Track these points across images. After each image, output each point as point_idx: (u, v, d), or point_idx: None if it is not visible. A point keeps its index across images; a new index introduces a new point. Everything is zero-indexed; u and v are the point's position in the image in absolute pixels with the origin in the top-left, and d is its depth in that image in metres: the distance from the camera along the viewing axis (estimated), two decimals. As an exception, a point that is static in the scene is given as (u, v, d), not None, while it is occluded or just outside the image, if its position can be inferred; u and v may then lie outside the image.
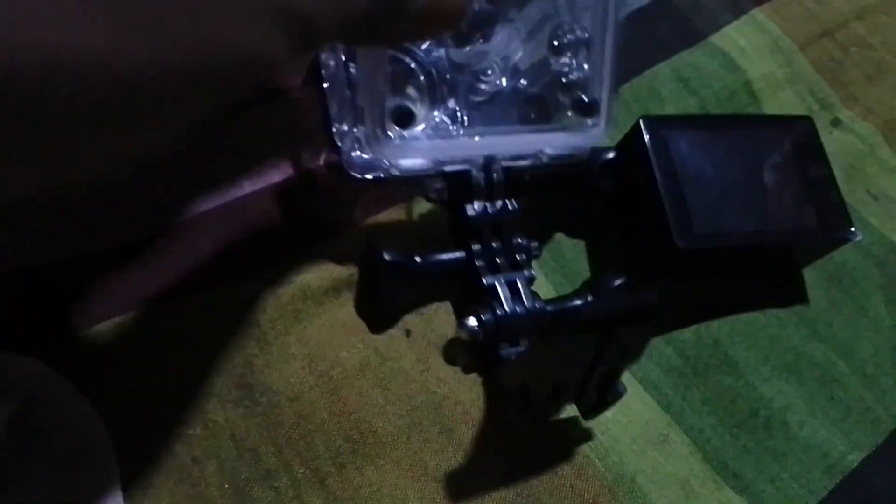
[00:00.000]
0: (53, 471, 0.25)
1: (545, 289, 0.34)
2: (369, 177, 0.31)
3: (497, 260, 0.31)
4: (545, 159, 0.33)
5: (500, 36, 0.32)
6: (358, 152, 0.31)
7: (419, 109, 0.31)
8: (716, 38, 0.41)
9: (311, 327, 0.31)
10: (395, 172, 0.31)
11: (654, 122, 0.33)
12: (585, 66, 0.32)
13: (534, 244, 0.32)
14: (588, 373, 0.27)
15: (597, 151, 0.33)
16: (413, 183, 0.32)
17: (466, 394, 0.31)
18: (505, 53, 0.32)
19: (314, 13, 0.20)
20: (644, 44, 0.40)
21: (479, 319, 0.29)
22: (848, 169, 0.39)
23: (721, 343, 0.34)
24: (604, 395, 0.29)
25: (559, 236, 0.36)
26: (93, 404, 0.27)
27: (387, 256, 0.30)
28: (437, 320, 0.32)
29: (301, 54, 0.20)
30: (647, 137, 0.33)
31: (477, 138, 0.31)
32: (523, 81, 0.33)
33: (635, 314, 0.27)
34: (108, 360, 0.29)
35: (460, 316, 0.31)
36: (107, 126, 0.17)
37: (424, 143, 0.30)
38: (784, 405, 0.33)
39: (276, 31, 0.18)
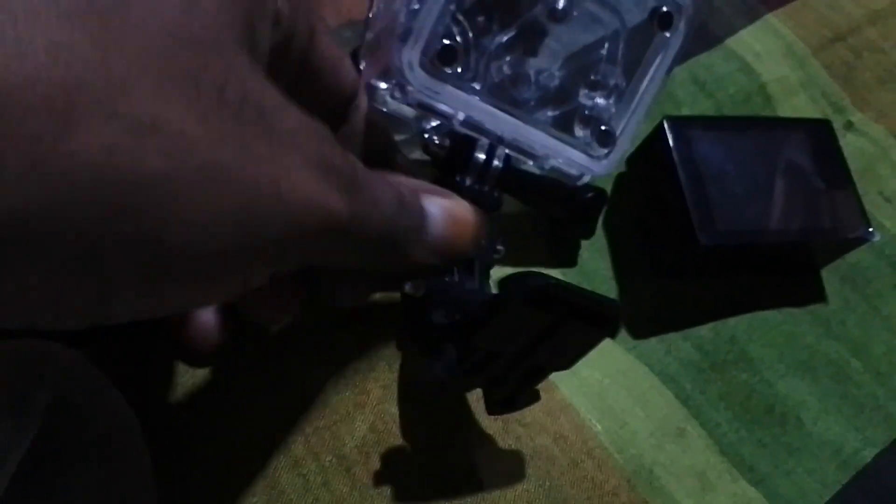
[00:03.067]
0: (88, 462, 0.25)
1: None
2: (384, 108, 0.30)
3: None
4: (546, 171, 0.32)
5: (544, 54, 0.32)
6: (379, 82, 0.29)
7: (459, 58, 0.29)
8: (731, 42, 0.41)
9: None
10: (409, 111, 0.29)
11: (678, 123, 0.33)
12: (612, 107, 0.31)
13: (500, 247, 0.30)
14: (517, 360, 0.25)
15: (589, 188, 0.33)
16: (422, 126, 0.31)
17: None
18: (540, 69, 0.32)
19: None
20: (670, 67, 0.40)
21: (424, 282, 0.27)
22: (860, 171, 0.39)
23: (738, 340, 0.34)
24: (519, 392, 0.27)
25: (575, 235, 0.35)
26: (124, 395, 0.27)
27: None
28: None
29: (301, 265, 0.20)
30: (670, 137, 0.33)
31: (499, 113, 0.30)
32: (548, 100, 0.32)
33: (592, 315, 0.24)
34: (138, 354, 0.29)
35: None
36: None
37: (451, 90, 0.29)
38: (799, 401, 0.33)
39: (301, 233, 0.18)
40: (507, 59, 0.31)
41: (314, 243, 0.19)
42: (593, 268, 0.35)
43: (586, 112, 0.32)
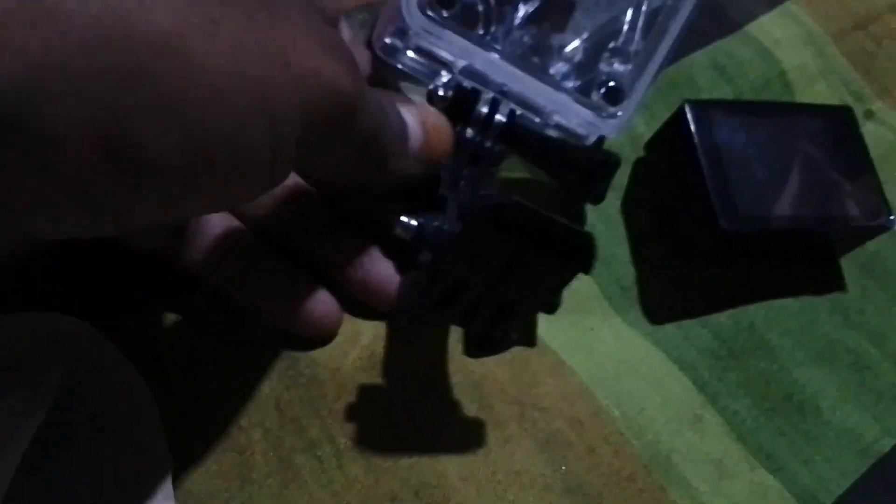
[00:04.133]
0: (102, 436, 0.25)
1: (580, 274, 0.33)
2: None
3: (461, 182, 0.28)
4: (552, 131, 0.32)
5: (570, 30, 0.31)
6: (390, 37, 0.29)
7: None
8: (751, 28, 0.40)
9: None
10: (413, 57, 0.29)
11: (699, 107, 0.32)
12: (630, 72, 0.31)
13: (498, 192, 0.29)
14: (487, 293, 0.24)
15: (602, 151, 0.31)
16: (425, 76, 0.30)
17: (504, 373, 0.30)
18: (565, 43, 0.32)
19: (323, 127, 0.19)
20: (681, 31, 0.39)
21: (412, 220, 0.26)
22: (880, 160, 0.38)
23: (756, 327, 0.33)
24: (496, 332, 0.26)
25: (593, 219, 0.35)
26: (140, 372, 0.27)
27: None
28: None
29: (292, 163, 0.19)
30: (692, 121, 0.32)
31: (503, 63, 0.29)
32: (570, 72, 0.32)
33: (563, 245, 0.22)
34: (159, 334, 0.28)
35: None
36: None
37: (449, 35, 0.28)
38: (817, 390, 0.32)
39: (283, 129, 0.17)
40: (532, 29, 0.31)
41: (324, 121, 0.19)
42: (611, 253, 0.34)
43: (603, 77, 0.31)
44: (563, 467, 0.29)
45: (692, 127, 0.32)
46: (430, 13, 0.28)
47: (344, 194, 0.30)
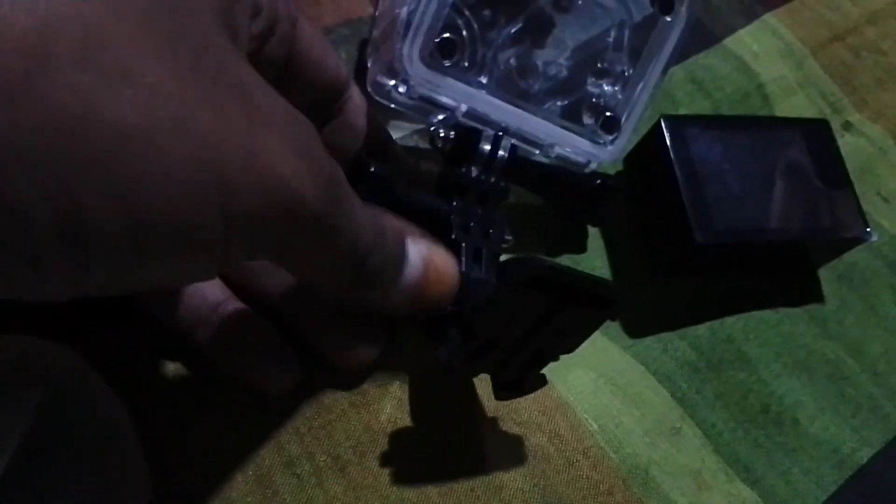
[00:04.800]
0: (80, 460, 0.25)
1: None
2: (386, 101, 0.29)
3: (471, 224, 0.29)
4: (552, 159, 0.32)
5: (551, 45, 0.32)
6: (384, 78, 0.29)
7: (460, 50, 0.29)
8: (729, 42, 0.40)
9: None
10: (415, 105, 0.29)
11: (675, 121, 0.33)
12: (619, 93, 0.31)
13: (508, 237, 0.30)
14: (519, 344, 0.25)
15: (601, 176, 0.32)
16: (430, 120, 0.30)
17: (483, 388, 0.31)
18: (548, 60, 0.32)
19: (297, 244, 0.19)
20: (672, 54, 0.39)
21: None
22: (859, 172, 0.38)
23: (735, 339, 0.34)
24: (525, 376, 0.27)
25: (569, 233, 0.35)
26: (116, 393, 0.27)
27: (374, 167, 0.28)
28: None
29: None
30: (667, 136, 0.32)
31: (502, 104, 0.30)
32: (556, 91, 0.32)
33: (591, 297, 0.24)
34: (135, 351, 0.28)
35: None
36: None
37: (451, 83, 0.29)
38: (795, 401, 0.33)
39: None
40: (514, 50, 0.31)
41: (285, 227, 0.18)
42: (590, 266, 0.34)
43: (593, 100, 0.31)
44: (542, 482, 0.29)
45: (668, 142, 0.32)
46: (430, 62, 0.28)
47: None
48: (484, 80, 0.30)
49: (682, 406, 0.32)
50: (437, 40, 0.28)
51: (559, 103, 0.32)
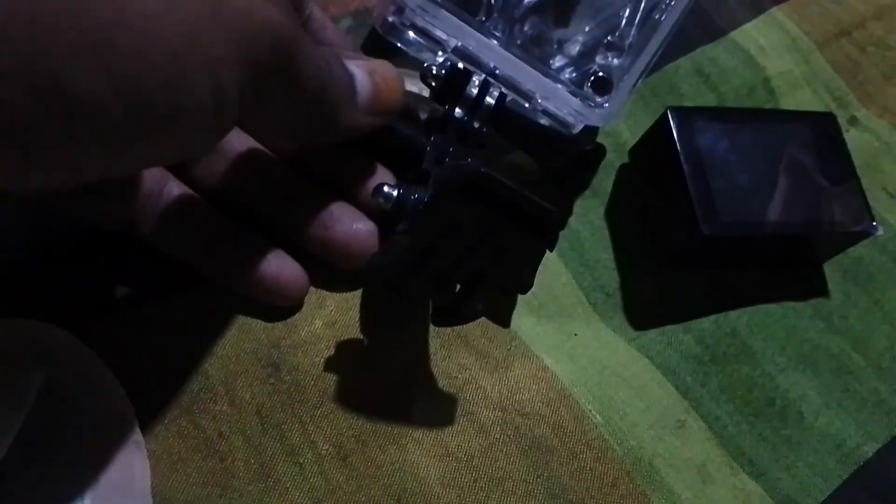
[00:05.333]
0: (79, 443, 0.25)
1: (564, 277, 0.33)
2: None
3: (446, 160, 0.29)
4: (541, 118, 0.32)
5: (572, 24, 0.31)
6: (387, 9, 0.29)
7: None
8: (736, 35, 0.40)
9: (336, 312, 0.30)
10: (413, 37, 0.30)
11: (682, 113, 0.32)
12: (621, 61, 0.31)
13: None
14: (457, 262, 0.25)
15: (587, 140, 0.32)
16: (420, 54, 0.31)
17: (487, 379, 0.30)
18: (564, 38, 0.32)
19: (267, 77, 0.19)
20: (673, 26, 0.39)
21: (393, 190, 0.27)
22: (864, 167, 0.38)
23: (739, 333, 0.33)
24: (463, 303, 0.26)
25: (578, 225, 0.35)
26: (120, 379, 0.26)
27: None
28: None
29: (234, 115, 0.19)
30: (674, 127, 0.32)
31: (495, 45, 0.29)
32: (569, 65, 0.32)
33: (531, 219, 0.23)
34: (137, 337, 0.28)
35: None
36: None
37: (445, 14, 0.29)
38: (799, 395, 0.32)
39: (225, 79, 0.18)
40: (532, 21, 0.31)
41: (265, 66, 0.18)
42: (595, 258, 0.34)
43: (600, 73, 0.31)
44: (546, 473, 0.29)
45: (675, 133, 0.32)
46: None
47: (306, 155, 0.29)
48: (497, 33, 0.31)
49: (686, 399, 0.31)
50: None
51: (568, 76, 0.31)
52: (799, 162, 0.33)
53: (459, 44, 0.29)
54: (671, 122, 0.32)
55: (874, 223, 0.33)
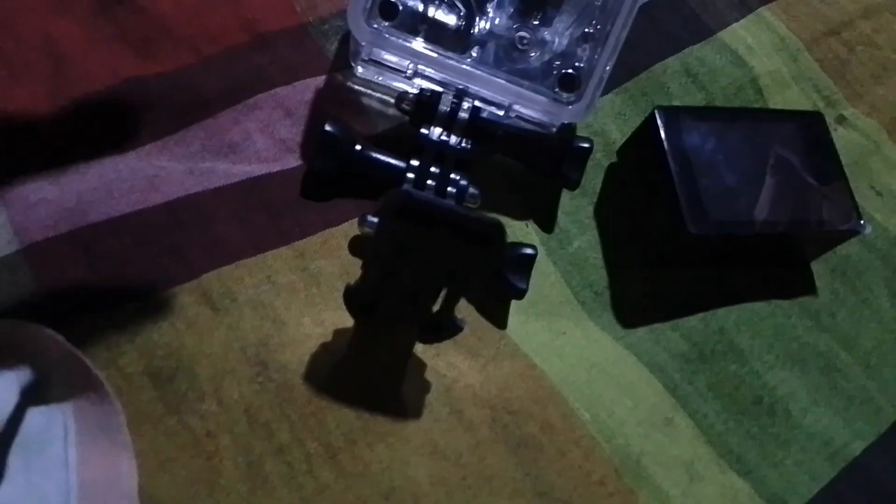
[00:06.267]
0: (67, 441, 0.25)
1: (553, 276, 0.33)
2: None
3: (427, 182, 0.30)
4: (519, 122, 0.32)
5: (558, 22, 0.32)
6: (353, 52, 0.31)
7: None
8: (724, 35, 0.40)
9: (325, 311, 0.30)
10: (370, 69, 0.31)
11: (670, 113, 0.32)
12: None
13: (472, 189, 0.30)
14: (421, 282, 0.26)
15: (572, 138, 0.32)
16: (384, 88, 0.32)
17: (476, 377, 0.30)
18: (547, 38, 0.32)
19: None
20: (654, 38, 0.39)
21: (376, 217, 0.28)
22: (852, 165, 0.38)
23: (727, 330, 0.33)
24: (442, 321, 0.27)
25: (567, 224, 0.35)
26: (108, 378, 0.26)
27: (328, 126, 0.30)
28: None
29: None
30: (662, 127, 0.32)
31: (450, 62, 0.30)
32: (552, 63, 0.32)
33: (473, 233, 0.25)
34: (124, 336, 0.28)
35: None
36: None
37: (394, 42, 0.30)
38: (787, 393, 0.32)
39: None
40: (512, 23, 0.32)
41: None
42: (583, 257, 0.34)
43: (567, 71, 0.31)
44: (534, 471, 0.29)
45: (662, 133, 0.32)
46: (375, 25, 0.30)
47: None
48: (475, 53, 0.31)
49: (674, 397, 0.31)
50: (379, 2, 0.29)
51: (555, 72, 0.32)
52: (786, 161, 0.33)
53: (421, 69, 0.30)
54: (658, 122, 0.32)
55: (861, 221, 0.33)
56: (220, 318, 0.29)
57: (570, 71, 0.31)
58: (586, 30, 0.32)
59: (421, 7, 0.31)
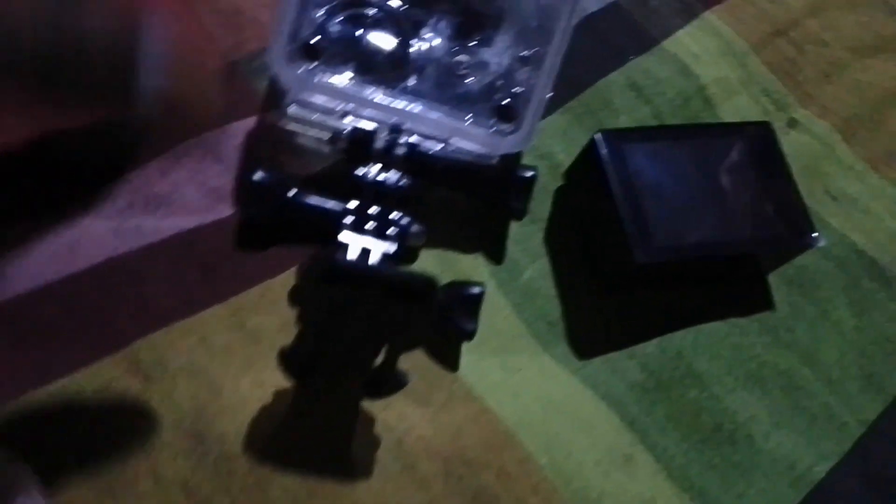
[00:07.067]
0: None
1: (506, 310, 0.32)
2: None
3: (366, 224, 0.28)
4: (456, 153, 0.31)
5: (498, 44, 0.31)
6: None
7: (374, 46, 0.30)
8: (668, 44, 0.39)
9: (265, 371, 0.28)
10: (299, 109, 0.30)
11: (611, 136, 0.31)
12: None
13: (415, 227, 0.28)
14: (358, 341, 0.26)
15: (514, 167, 0.31)
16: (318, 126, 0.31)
17: (427, 427, 0.29)
18: (488, 59, 0.31)
19: None
20: (597, 52, 0.37)
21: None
22: (806, 170, 0.37)
23: (684, 355, 0.32)
24: (385, 376, 0.26)
25: (517, 254, 0.33)
26: (34, 466, 0.25)
27: (257, 175, 0.28)
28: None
29: None
30: (603, 152, 0.31)
31: (392, 101, 0.29)
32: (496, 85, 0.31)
33: (402, 292, 0.25)
34: (51, 419, 0.26)
35: None
36: None
37: (319, 83, 0.29)
38: (749, 417, 0.31)
39: None
40: (454, 48, 0.31)
41: None
42: (535, 288, 0.33)
43: (504, 102, 0.30)
44: (491, 523, 0.28)
45: (604, 158, 0.31)
46: (300, 68, 0.29)
47: None
48: (412, 81, 0.30)
49: (632, 430, 0.30)
50: (301, 43, 0.29)
51: (496, 96, 0.30)
52: (736, 177, 0.32)
53: (346, 108, 0.29)
54: (600, 147, 0.31)
55: (814, 234, 0.32)
56: (152, 390, 0.27)
57: (506, 102, 0.30)
58: (523, 52, 0.31)
59: (353, 33, 0.30)
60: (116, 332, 0.28)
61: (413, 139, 0.29)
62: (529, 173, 0.31)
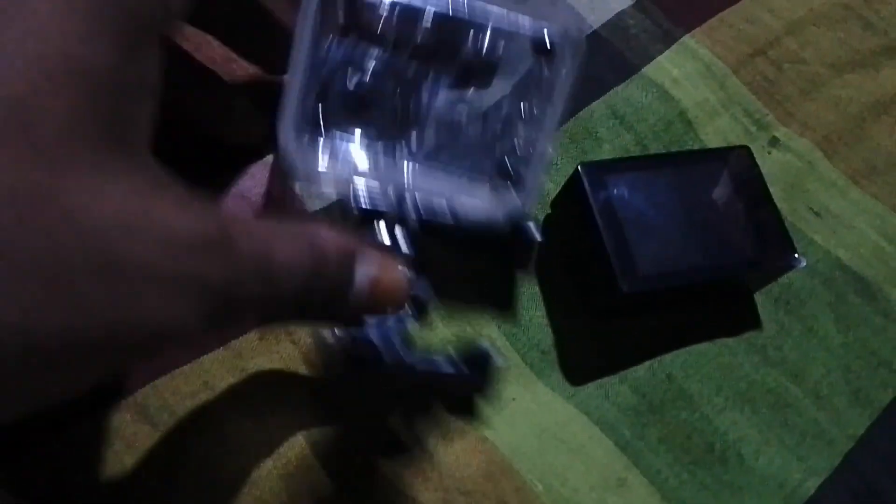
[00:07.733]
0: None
1: (499, 341, 0.33)
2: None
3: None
4: (461, 220, 0.31)
5: (496, 88, 0.31)
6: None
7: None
8: (648, 70, 0.39)
9: (268, 415, 0.29)
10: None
11: (593, 168, 0.32)
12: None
13: (426, 290, 0.29)
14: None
15: (521, 224, 0.31)
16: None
17: (428, 460, 0.30)
18: (487, 108, 0.31)
19: (238, 291, 0.19)
20: (579, 82, 0.38)
21: (334, 335, 0.27)
22: (789, 188, 0.38)
23: (674, 377, 0.33)
24: None
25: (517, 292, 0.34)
26: None
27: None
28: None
29: (219, 328, 0.19)
30: (586, 184, 0.32)
31: (396, 166, 0.29)
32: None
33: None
34: (69, 465, 0.27)
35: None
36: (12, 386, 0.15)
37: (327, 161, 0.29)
38: (739, 436, 0.32)
39: (193, 306, 0.17)
40: (454, 98, 0.30)
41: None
42: (528, 317, 0.34)
43: (503, 161, 0.30)
44: (490, 552, 0.28)
45: (587, 190, 0.32)
46: (306, 140, 0.28)
47: None
48: (413, 136, 0.30)
49: (626, 454, 0.31)
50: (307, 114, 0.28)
51: (498, 154, 0.31)
52: (716, 201, 0.33)
53: (354, 179, 0.29)
54: (582, 180, 0.32)
55: (797, 255, 0.32)
56: (159, 435, 0.28)
57: (504, 161, 0.30)
58: (522, 104, 0.31)
59: (354, 95, 0.30)
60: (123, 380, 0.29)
61: (419, 200, 0.29)
62: (537, 237, 0.31)
